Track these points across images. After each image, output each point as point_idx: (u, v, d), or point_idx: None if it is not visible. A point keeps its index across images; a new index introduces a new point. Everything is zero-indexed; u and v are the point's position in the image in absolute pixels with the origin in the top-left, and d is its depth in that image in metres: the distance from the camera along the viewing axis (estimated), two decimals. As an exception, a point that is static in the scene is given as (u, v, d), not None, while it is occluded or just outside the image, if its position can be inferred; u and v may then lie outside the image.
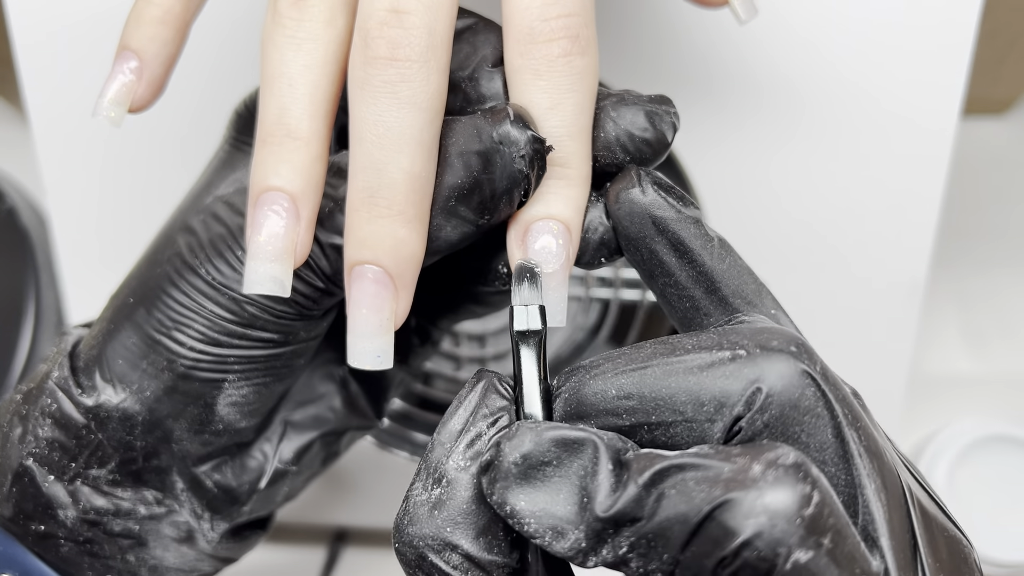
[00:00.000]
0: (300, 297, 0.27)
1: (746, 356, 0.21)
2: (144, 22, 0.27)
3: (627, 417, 0.22)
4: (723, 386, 0.21)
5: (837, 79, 0.41)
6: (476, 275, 0.29)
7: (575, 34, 0.25)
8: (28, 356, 0.53)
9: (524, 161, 0.25)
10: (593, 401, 0.22)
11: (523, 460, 0.21)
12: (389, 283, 0.24)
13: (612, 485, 0.20)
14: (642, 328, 0.47)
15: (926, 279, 0.45)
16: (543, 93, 0.25)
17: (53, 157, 0.45)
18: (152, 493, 0.30)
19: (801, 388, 0.21)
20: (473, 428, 0.23)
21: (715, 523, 0.19)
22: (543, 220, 0.25)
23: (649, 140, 0.26)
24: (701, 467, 0.20)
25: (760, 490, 0.19)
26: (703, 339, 0.22)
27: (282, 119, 0.25)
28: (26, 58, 0.43)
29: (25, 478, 0.28)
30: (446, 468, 0.22)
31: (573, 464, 0.21)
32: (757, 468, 0.19)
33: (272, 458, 0.31)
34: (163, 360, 0.28)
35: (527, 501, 0.21)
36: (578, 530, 0.20)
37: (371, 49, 0.24)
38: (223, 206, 0.29)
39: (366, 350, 0.25)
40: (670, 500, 0.20)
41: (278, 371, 0.29)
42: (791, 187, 0.43)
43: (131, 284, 0.29)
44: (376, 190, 0.24)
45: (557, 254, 0.25)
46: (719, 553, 0.19)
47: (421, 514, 0.22)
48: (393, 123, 0.24)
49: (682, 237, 0.25)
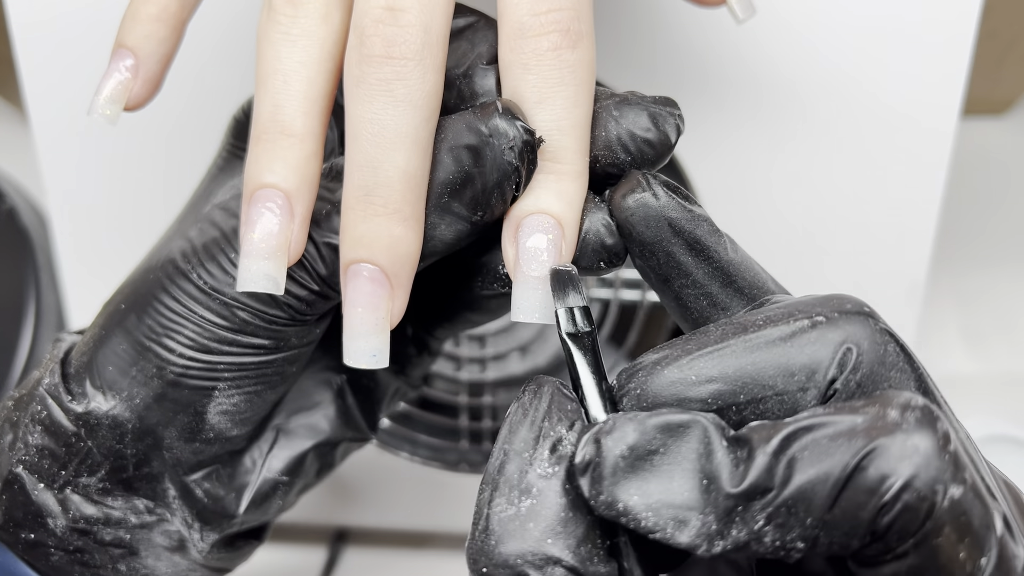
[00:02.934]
0: (293, 300, 0.27)
1: (826, 321, 0.22)
2: (140, 20, 0.27)
3: (713, 401, 0.22)
4: (812, 352, 0.22)
5: (836, 79, 0.41)
6: (474, 276, 0.28)
7: (565, 28, 0.24)
8: (28, 356, 0.53)
9: (513, 153, 0.25)
10: (672, 391, 0.22)
11: (630, 452, 0.20)
12: (385, 281, 0.24)
13: (734, 460, 0.20)
14: (642, 328, 0.47)
15: (926, 279, 0.45)
16: (531, 87, 0.25)
17: (53, 157, 0.45)
18: (143, 502, 0.29)
19: (884, 344, 0.22)
20: (552, 433, 0.22)
21: (866, 473, 0.19)
22: (534, 215, 0.25)
23: (651, 141, 0.26)
24: (830, 424, 0.20)
25: (906, 433, 0.19)
26: (771, 313, 0.23)
27: (276, 116, 0.25)
28: (26, 58, 0.43)
29: (15, 486, 0.28)
30: (531, 478, 0.21)
31: (682, 448, 0.20)
32: (894, 413, 0.20)
33: (260, 467, 0.31)
34: (153, 367, 0.28)
35: (640, 495, 0.20)
36: (703, 514, 0.20)
37: (367, 47, 0.24)
38: (219, 212, 0.29)
39: (362, 349, 0.25)
40: (807, 461, 0.19)
41: (270, 379, 0.29)
42: (790, 188, 0.43)
43: (124, 291, 0.29)
44: (372, 188, 0.24)
45: (547, 249, 0.25)
46: (876, 502, 0.19)
47: (512, 529, 0.21)
48: (389, 121, 0.24)
49: (698, 235, 0.25)
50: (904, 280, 0.45)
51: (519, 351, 0.50)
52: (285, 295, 0.26)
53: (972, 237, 0.61)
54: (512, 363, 0.50)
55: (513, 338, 0.49)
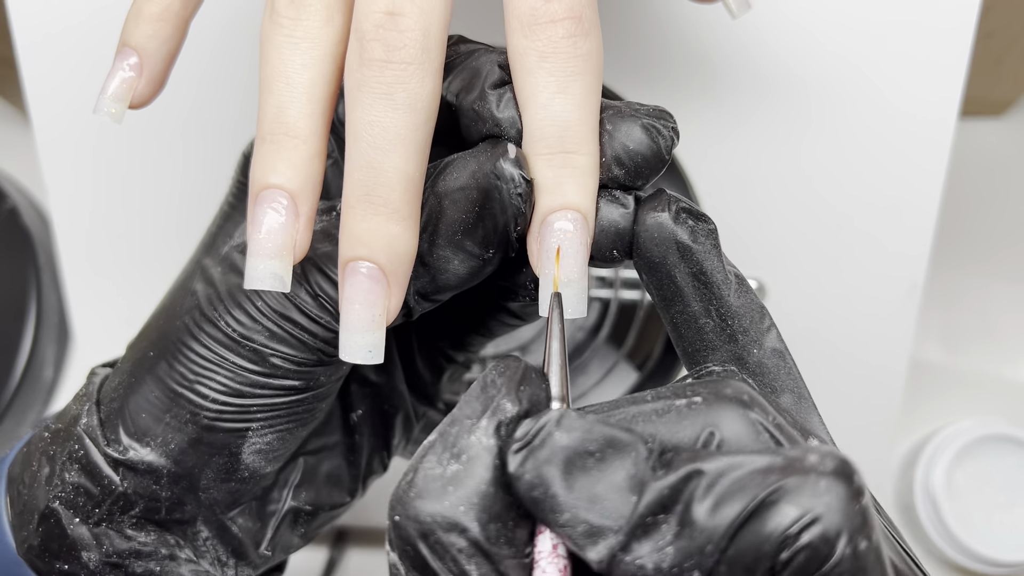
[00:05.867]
0: (320, 343, 0.27)
1: (701, 402, 0.22)
2: (143, 19, 0.27)
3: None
4: (679, 430, 0.22)
5: (836, 80, 0.41)
6: (505, 292, 0.29)
7: (578, 15, 0.24)
8: (29, 356, 0.53)
9: (521, 199, 0.25)
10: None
11: (572, 446, 0.20)
12: (382, 279, 0.25)
13: (658, 477, 0.20)
14: (642, 328, 0.47)
15: (925, 279, 0.45)
16: (550, 76, 0.25)
17: (55, 157, 0.45)
18: (173, 537, 0.29)
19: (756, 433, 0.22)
20: (502, 409, 0.22)
21: (775, 506, 0.19)
22: (558, 211, 0.25)
23: (645, 155, 0.25)
24: (750, 460, 0.20)
25: (820, 475, 0.19)
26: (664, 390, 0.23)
27: (280, 118, 0.25)
28: (28, 59, 0.43)
29: (51, 519, 0.28)
30: (468, 443, 0.21)
31: (616, 460, 0.21)
32: (813, 458, 0.20)
33: (287, 497, 0.31)
34: (186, 413, 0.28)
35: (565, 485, 0.20)
36: (616, 523, 0.20)
37: (367, 51, 0.24)
38: (239, 255, 0.29)
39: (358, 344, 0.25)
40: (720, 487, 0.20)
41: (300, 416, 0.29)
42: (789, 187, 0.43)
43: (150, 336, 0.29)
44: (371, 188, 0.24)
45: (574, 242, 0.25)
46: (779, 535, 0.19)
47: (433, 488, 0.21)
48: (389, 124, 0.24)
49: (705, 268, 0.25)
50: (902, 280, 0.45)
51: (519, 351, 0.50)
52: (313, 339, 0.27)
53: (971, 238, 0.61)
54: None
55: (513, 338, 0.49)
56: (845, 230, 0.44)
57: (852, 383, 0.47)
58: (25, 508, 0.29)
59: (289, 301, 0.27)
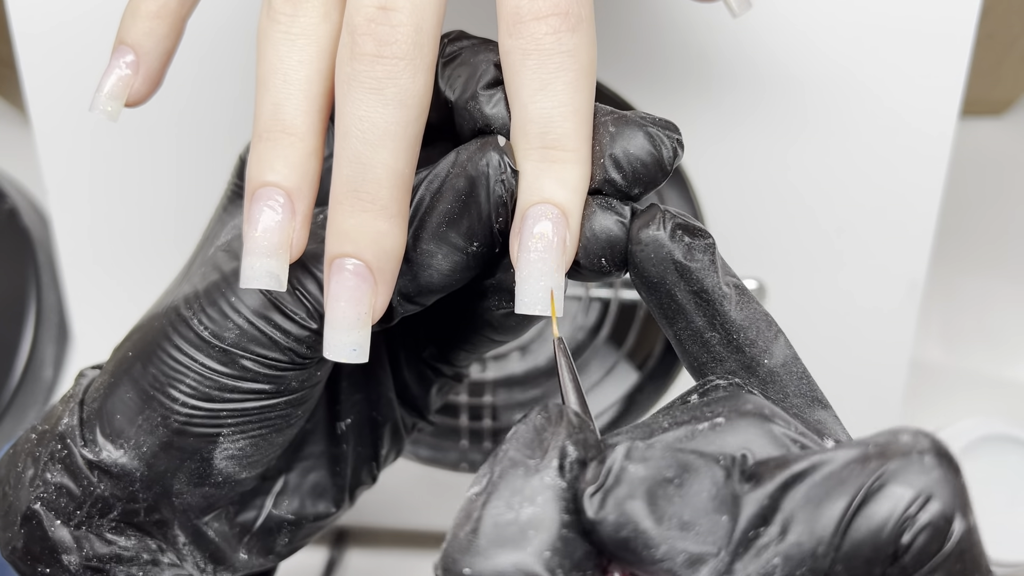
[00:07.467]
0: (293, 342, 0.27)
1: (724, 423, 0.22)
2: (140, 17, 0.27)
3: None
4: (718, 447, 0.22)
5: (836, 80, 0.41)
6: (490, 296, 0.28)
7: (564, 11, 0.24)
8: (29, 356, 0.53)
9: (503, 187, 0.25)
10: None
11: (651, 475, 0.19)
12: (369, 276, 0.24)
13: (751, 490, 0.20)
14: (642, 328, 0.47)
15: (925, 279, 0.45)
16: (532, 73, 0.24)
17: (54, 157, 0.45)
18: (155, 542, 0.29)
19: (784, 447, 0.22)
20: (564, 453, 0.20)
21: (884, 492, 0.19)
22: (537, 205, 0.25)
23: (645, 161, 0.25)
24: (839, 453, 0.19)
25: (922, 453, 0.19)
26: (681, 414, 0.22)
27: (277, 115, 0.25)
28: (27, 58, 0.43)
29: (33, 521, 0.28)
30: (536, 485, 0.20)
31: (696, 483, 0.20)
32: (907, 437, 0.19)
33: (267, 505, 0.31)
34: (158, 416, 0.27)
35: (653, 518, 0.19)
36: (715, 546, 0.19)
37: (358, 46, 0.24)
38: (222, 254, 0.28)
39: (343, 342, 0.25)
40: (819, 487, 0.19)
41: (274, 423, 0.28)
42: (789, 187, 0.43)
43: (132, 337, 0.29)
44: (360, 184, 0.24)
45: (551, 240, 0.24)
46: (895, 523, 0.18)
47: (510, 535, 0.19)
48: (379, 119, 0.24)
49: (705, 285, 0.25)
50: (902, 280, 0.45)
51: (519, 351, 0.50)
52: (286, 337, 0.26)
53: (971, 237, 0.61)
54: (512, 363, 0.50)
55: (513, 338, 0.49)
56: (845, 230, 0.44)
57: (852, 383, 0.47)
58: (10, 509, 0.29)
59: (264, 296, 0.26)
